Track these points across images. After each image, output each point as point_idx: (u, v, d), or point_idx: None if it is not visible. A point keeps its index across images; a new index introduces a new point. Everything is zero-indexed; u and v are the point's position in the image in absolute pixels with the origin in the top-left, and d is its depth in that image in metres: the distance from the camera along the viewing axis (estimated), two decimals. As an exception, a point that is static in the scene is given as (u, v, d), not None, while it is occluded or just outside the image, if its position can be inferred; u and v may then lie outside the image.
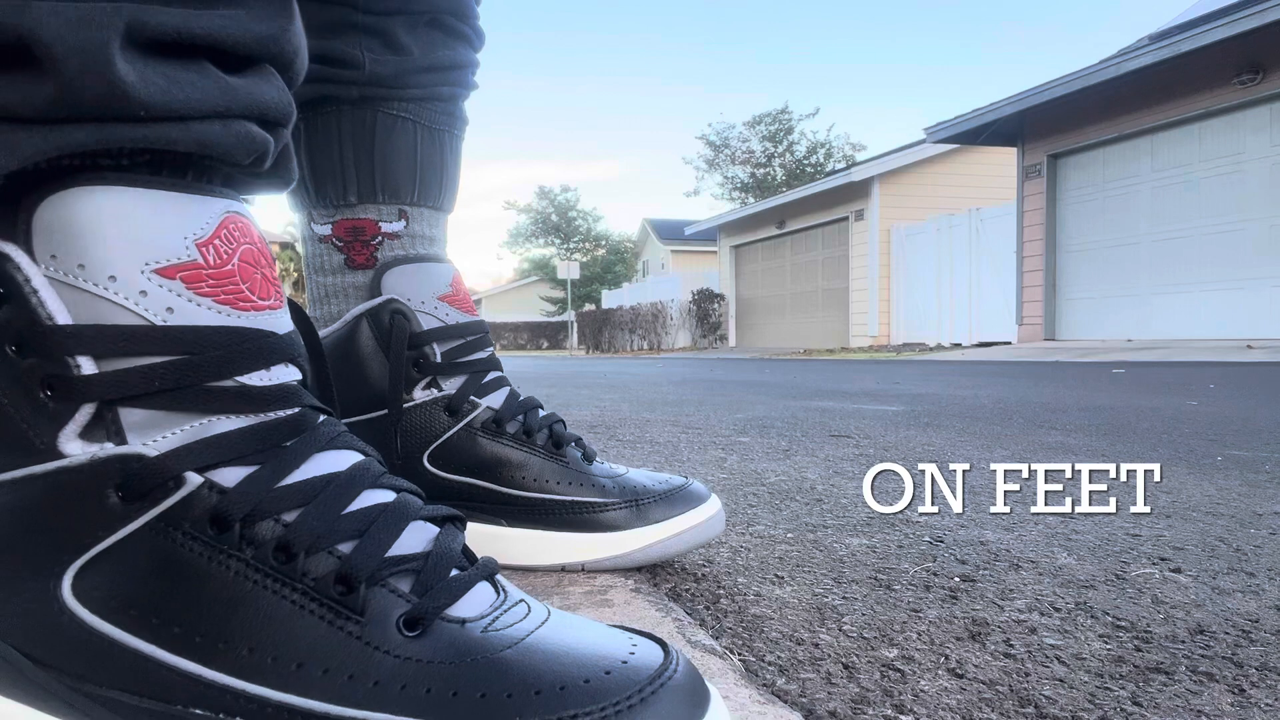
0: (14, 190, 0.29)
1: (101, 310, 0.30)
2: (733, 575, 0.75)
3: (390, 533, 0.32)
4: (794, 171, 25.24)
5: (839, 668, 0.55)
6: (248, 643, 0.29)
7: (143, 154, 0.31)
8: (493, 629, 0.32)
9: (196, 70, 0.31)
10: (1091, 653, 0.57)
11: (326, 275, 0.68)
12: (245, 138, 0.33)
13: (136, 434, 0.31)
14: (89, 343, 0.30)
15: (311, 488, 0.32)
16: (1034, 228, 10.25)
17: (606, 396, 3.25)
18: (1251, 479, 1.27)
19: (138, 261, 0.30)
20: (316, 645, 0.30)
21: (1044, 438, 1.79)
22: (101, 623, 0.30)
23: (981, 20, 64.91)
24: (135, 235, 0.30)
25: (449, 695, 0.29)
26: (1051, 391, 3.35)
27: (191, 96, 0.30)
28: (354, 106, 0.64)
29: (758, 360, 9.65)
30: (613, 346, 20.12)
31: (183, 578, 0.30)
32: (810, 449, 1.61)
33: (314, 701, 0.29)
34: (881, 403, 2.84)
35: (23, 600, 0.30)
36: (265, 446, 0.32)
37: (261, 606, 0.30)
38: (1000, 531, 0.92)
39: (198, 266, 0.31)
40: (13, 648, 0.30)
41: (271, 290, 0.34)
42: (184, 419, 0.31)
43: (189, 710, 0.29)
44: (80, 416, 0.30)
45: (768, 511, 1.02)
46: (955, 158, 13.44)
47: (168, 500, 0.30)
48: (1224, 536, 0.90)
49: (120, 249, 0.30)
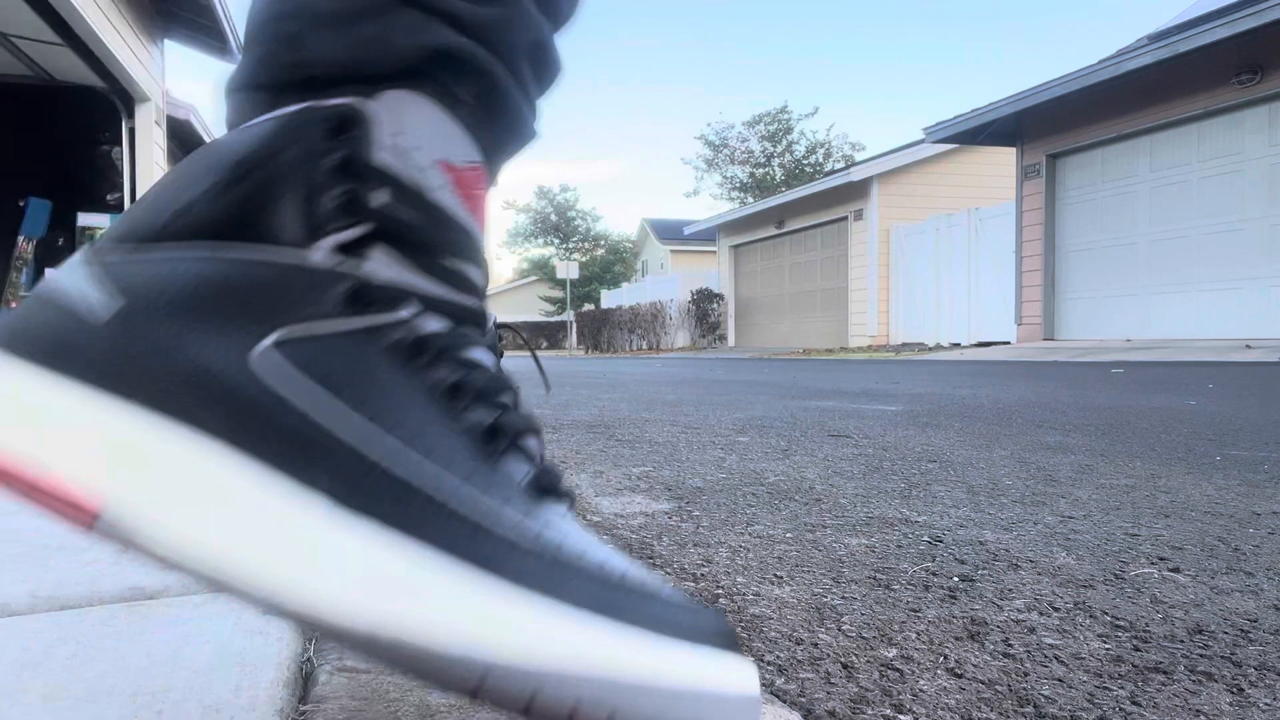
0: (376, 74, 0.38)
1: (397, 169, 0.38)
2: (731, 575, 0.75)
3: (523, 418, 0.39)
4: (793, 171, 25.24)
5: (838, 667, 0.55)
6: (400, 439, 0.35)
7: (465, 81, 0.40)
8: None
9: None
10: (1090, 652, 0.57)
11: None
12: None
13: (373, 266, 0.37)
14: (389, 185, 0.37)
15: (478, 360, 0.39)
16: (1033, 227, 10.25)
17: (605, 396, 3.25)
18: (1250, 479, 1.27)
19: (435, 152, 0.39)
20: (456, 464, 0.35)
21: (1043, 437, 1.79)
22: (275, 379, 0.34)
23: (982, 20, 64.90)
24: (437, 134, 0.39)
25: (557, 547, 0.34)
26: (1050, 391, 3.35)
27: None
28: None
29: (757, 360, 9.65)
30: (612, 346, 20.11)
31: (367, 378, 0.35)
32: (809, 449, 1.61)
33: (444, 501, 0.34)
34: (880, 402, 2.84)
35: (213, 351, 0.35)
36: (459, 320, 0.39)
37: (421, 421, 0.35)
38: (999, 531, 0.92)
39: (462, 176, 0.40)
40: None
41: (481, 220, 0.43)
42: (415, 276, 0.38)
43: (327, 465, 0.33)
44: (346, 234, 0.36)
45: (767, 511, 1.02)
46: (954, 158, 13.45)
47: (381, 319, 0.36)
48: (1223, 536, 0.90)
49: (426, 138, 0.38)
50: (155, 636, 0.51)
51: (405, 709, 0.44)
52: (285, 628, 0.53)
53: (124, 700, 0.43)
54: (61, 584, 0.61)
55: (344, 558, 0.32)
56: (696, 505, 1.05)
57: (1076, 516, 1.00)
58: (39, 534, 0.74)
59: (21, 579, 0.61)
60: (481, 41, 0.40)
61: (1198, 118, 8.55)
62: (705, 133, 25.95)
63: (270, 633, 0.52)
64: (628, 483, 1.20)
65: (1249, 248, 8.18)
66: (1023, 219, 10.41)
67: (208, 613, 0.56)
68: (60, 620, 0.54)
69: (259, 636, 0.51)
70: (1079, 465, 1.40)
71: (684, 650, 0.33)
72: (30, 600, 0.57)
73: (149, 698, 0.43)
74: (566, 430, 1.86)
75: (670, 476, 1.25)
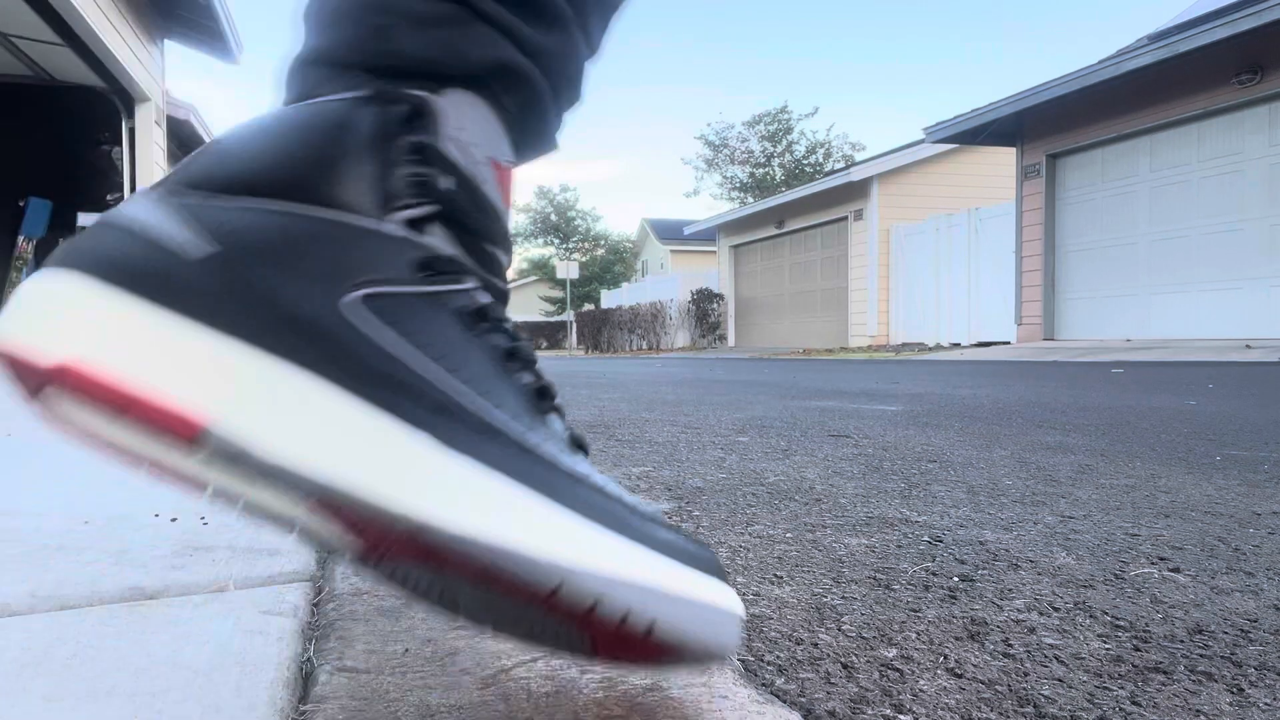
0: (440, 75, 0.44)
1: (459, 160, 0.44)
2: (731, 575, 0.75)
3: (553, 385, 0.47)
4: (793, 171, 25.24)
5: (838, 667, 0.55)
6: (474, 390, 0.41)
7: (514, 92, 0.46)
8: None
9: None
10: (1090, 652, 0.57)
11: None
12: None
13: (435, 241, 0.43)
14: (453, 174, 0.43)
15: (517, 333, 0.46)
16: (1033, 227, 10.26)
17: (605, 396, 3.25)
18: (1250, 478, 1.27)
19: (486, 149, 0.45)
20: (519, 416, 0.41)
21: (1043, 437, 1.79)
22: (366, 327, 0.39)
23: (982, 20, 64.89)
24: (489, 134, 0.45)
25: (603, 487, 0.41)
26: (1050, 391, 3.35)
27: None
28: None
29: (757, 360, 9.65)
30: (612, 346, 20.11)
31: (441, 336, 0.41)
32: (809, 449, 1.61)
33: (520, 443, 0.40)
34: (880, 402, 2.84)
35: (307, 297, 0.40)
36: (496, 298, 0.45)
37: (488, 376, 0.42)
38: (999, 531, 0.92)
39: (503, 173, 0.46)
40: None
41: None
42: (464, 255, 0.44)
43: (420, 403, 0.39)
44: (416, 211, 0.42)
45: (767, 511, 1.02)
46: (954, 158, 13.45)
47: (450, 286, 0.43)
48: (1223, 536, 0.90)
49: (480, 136, 0.45)
50: (155, 636, 0.51)
51: (405, 709, 0.44)
52: (285, 627, 0.53)
53: (124, 700, 0.43)
54: (61, 584, 0.61)
55: (444, 480, 0.37)
56: (696, 505, 1.05)
57: (1076, 516, 1.00)
58: (39, 534, 0.74)
59: (21, 579, 0.61)
60: (537, 63, 0.46)
61: (1198, 118, 8.55)
62: (705, 133, 25.95)
63: (270, 632, 0.52)
64: (628, 483, 1.20)
65: (1249, 248, 8.18)
66: (1023, 219, 10.41)
67: (208, 613, 0.56)
68: (60, 620, 0.54)
69: (259, 636, 0.52)
70: (1079, 465, 1.40)
71: (699, 576, 0.40)
72: (30, 600, 0.57)
73: (149, 698, 0.43)
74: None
75: (670, 476, 1.25)
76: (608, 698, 0.46)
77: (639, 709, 0.44)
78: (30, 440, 1.32)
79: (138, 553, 0.69)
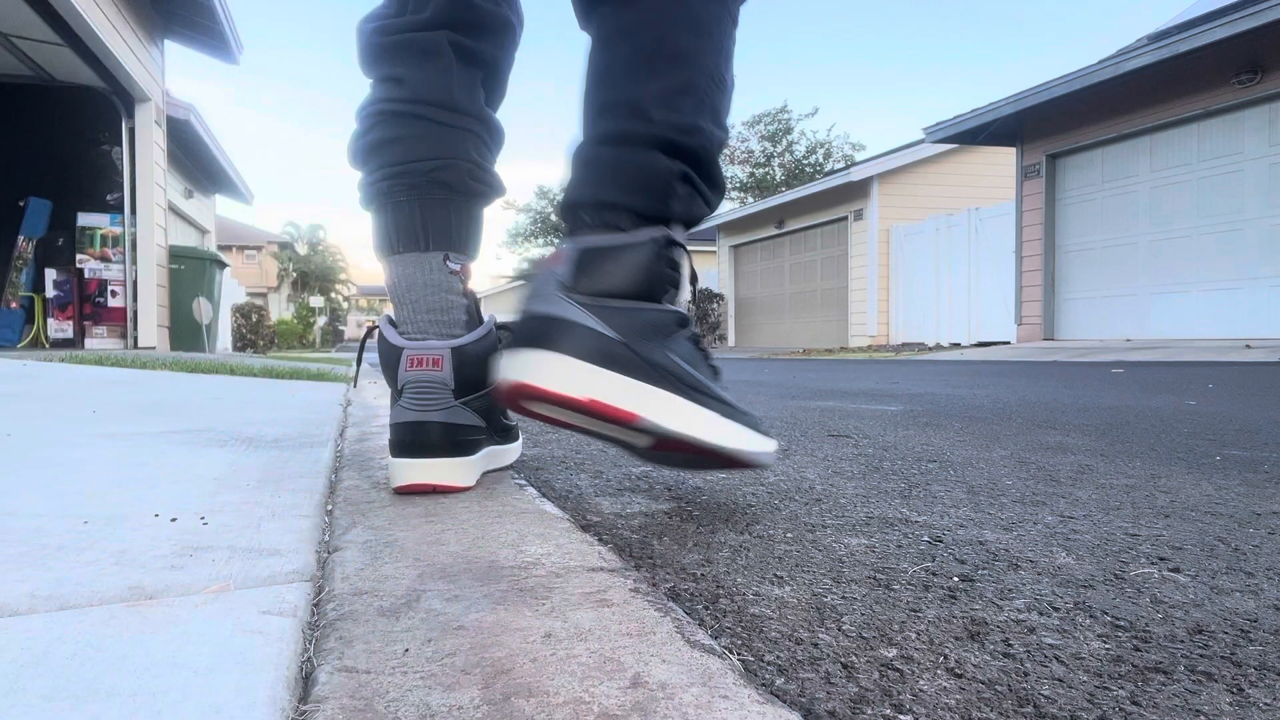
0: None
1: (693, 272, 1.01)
2: (732, 575, 0.75)
3: None
4: (793, 171, 25.23)
5: (838, 667, 0.55)
6: (710, 380, 0.94)
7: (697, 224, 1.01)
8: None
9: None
10: (1090, 652, 0.57)
11: (448, 293, 1.06)
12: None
13: (681, 305, 0.96)
14: (687, 268, 0.97)
15: (704, 343, 1.03)
16: (1033, 227, 10.25)
17: (605, 396, 3.25)
18: (1250, 479, 1.27)
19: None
20: (723, 387, 0.96)
21: (1043, 437, 1.79)
22: (672, 361, 0.90)
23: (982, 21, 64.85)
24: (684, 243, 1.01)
25: (734, 408, 0.96)
26: (1050, 391, 3.35)
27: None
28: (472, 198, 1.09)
29: (757, 360, 9.65)
30: (612, 346, 20.07)
31: (693, 358, 0.93)
32: (809, 449, 1.61)
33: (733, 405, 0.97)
34: (880, 402, 2.84)
35: (658, 352, 0.89)
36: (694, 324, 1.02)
37: (708, 372, 0.95)
38: (999, 531, 0.92)
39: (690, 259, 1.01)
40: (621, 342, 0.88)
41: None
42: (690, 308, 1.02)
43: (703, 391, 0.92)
44: (680, 294, 0.96)
45: (767, 511, 1.02)
46: (954, 157, 13.45)
47: (692, 330, 0.94)
48: (1223, 536, 0.90)
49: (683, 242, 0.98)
50: (155, 636, 0.51)
51: (405, 709, 0.44)
52: (285, 627, 0.53)
53: (124, 700, 0.43)
54: (61, 584, 0.61)
55: (696, 417, 0.89)
56: (696, 505, 1.05)
57: (1076, 516, 1.00)
58: (39, 534, 0.74)
59: (21, 579, 0.61)
60: (711, 208, 0.97)
61: (1198, 118, 8.55)
62: (705, 133, 25.84)
63: (270, 632, 0.52)
64: (628, 483, 1.20)
65: (1249, 248, 8.18)
66: (1023, 219, 10.40)
67: (208, 613, 0.56)
68: (60, 620, 0.54)
69: (259, 636, 0.52)
70: (1079, 465, 1.40)
71: (762, 439, 0.99)
72: (30, 600, 0.57)
73: (149, 698, 0.43)
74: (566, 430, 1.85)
75: (670, 476, 1.25)
76: (609, 699, 0.46)
77: (639, 708, 0.44)
78: (30, 440, 1.32)
79: (138, 553, 0.69)
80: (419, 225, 1.04)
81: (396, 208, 1.04)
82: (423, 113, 1.03)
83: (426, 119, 1.03)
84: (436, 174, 1.03)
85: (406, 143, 1.03)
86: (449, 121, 1.05)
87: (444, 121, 1.04)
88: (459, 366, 1.00)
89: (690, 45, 0.91)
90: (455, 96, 1.05)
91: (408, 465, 0.98)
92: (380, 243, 1.07)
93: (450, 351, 1.00)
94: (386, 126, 1.04)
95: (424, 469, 0.98)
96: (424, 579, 0.65)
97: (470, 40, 1.06)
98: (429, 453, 0.98)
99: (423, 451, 0.98)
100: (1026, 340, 10.19)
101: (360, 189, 1.07)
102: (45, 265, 7.74)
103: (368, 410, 2.09)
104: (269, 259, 41.29)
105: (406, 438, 0.98)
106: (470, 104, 1.07)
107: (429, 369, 1.00)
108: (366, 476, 1.11)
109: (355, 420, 1.84)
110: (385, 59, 1.05)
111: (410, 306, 1.05)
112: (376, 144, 1.04)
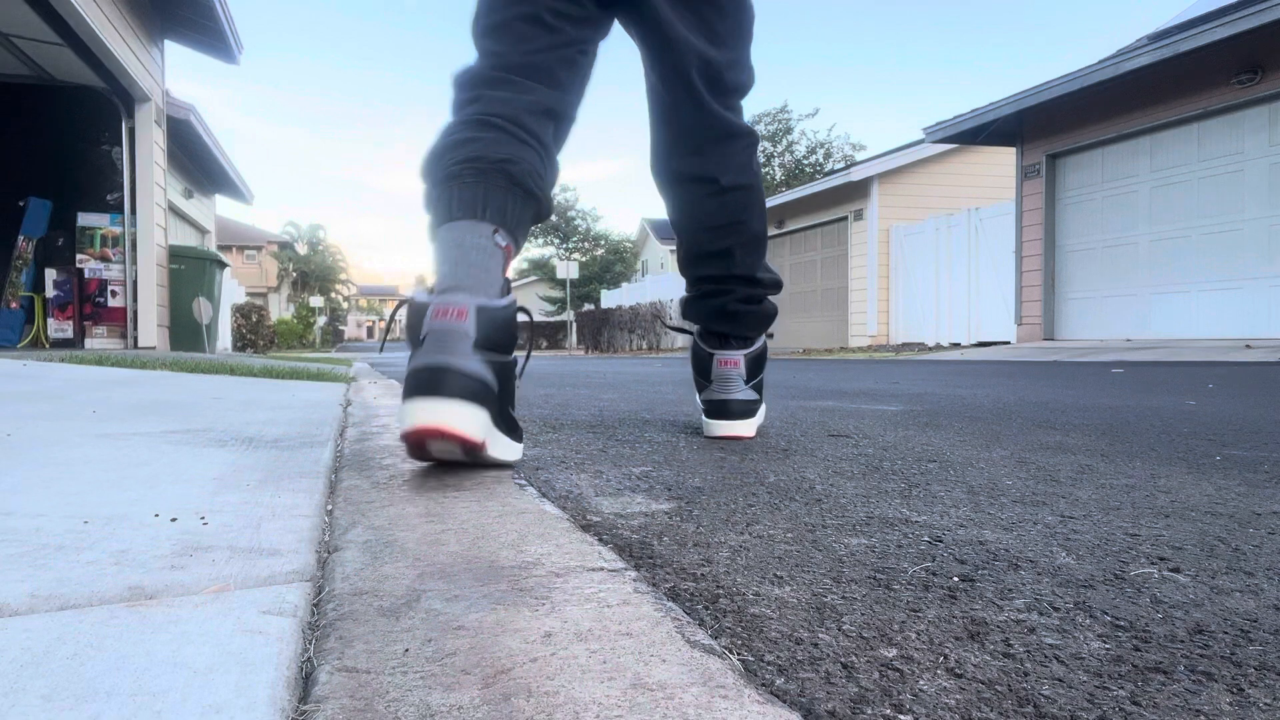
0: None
1: None
2: (732, 575, 0.75)
3: None
4: (793, 171, 25.23)
5: (838, 667, 0.55)
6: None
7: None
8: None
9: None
10: (1090, 652, 0.57)
11: (490, 258, 1.13)
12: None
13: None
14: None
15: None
16: (1033, 227, 10.25)
17: (605, 396, 3.25)
18: (1250, 478, 1.27)
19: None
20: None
21: (1043, 437, 1.79)
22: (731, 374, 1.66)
23: (982, 21, 64.83)
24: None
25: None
26: (1050, 391, 3.35)
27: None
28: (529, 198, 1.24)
29: (757, 360, 9.63)
30: (612, 346, 20.11)
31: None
32: (809, 449, 1.61)
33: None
34: (880, 402, 2.84)
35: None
36: None
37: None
38: (999, 531, 0.92)
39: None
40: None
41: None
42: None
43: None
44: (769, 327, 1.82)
45: (767, 511, 1.02)
46: (954, 157, 13.45)
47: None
48: (1223, 536, 0.90)
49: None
50: (155, 636, 0.51)
51: (405, 709, 0.44)
52: (285, 627, 0.53)
53: (124, 700, 0.43)
54: (61, 584, 0.61)
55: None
56: (696, 505, 1.05)
57: (1076, 516, 1.00)
58: (39, 534, 0.74)
59: (21, 579, 0.61)
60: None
61: (1198, 118, 8.55)
62: (705, 133, 25.86)
63: (270, 632, 0.52)
64: (628, 483, 1.20)
65: (1249, 248, 8.18)
66: (1023, 219, 10.40)
67: (208, 613, 0.56)
68: (60, 620, 0.54)
69: (259, 636, 0.52)
70: (1079, 465, 1.40)
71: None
72: (30, 600, 0.57)
73: (149, 698, 0.43)
74: (566, 430, 1.86)
75: (670, 476, 1.25)
76: (608, 698, 0.46)
77: (639, 709, 0.44)
78: (30, 440, 1.32)
79: (138, 553, 0.69)
80: (480, 199, 1.16)
81: (463, 186, 1.17)
82: (502, 125, 1.23)
83: (505, 130, 1.23)
84: (506, 166, 1.18)
85: (482, 143, 1.21)
86: (523, 138, 1.24)
87: (519, 137, 1.24)
88: (482, 323, 1.03)
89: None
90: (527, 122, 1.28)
91: (418, 406, 0.97)
92: (438, 215, 1.18)
93: (476, 308, 1.02)
94: (468, 130, 1.24)
95: (433, 410, 0.96)
96: (424, 579, 0.65)
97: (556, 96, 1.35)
98: (442, 392, 0.96)
99: (435, 391, 0.96)
100: (1026, 340, 10.19)
101: (427, 178, 1.22)
102: (45, 265, 7.74)
103: (368, 410, 2.09)
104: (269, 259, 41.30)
105: (422, 378, 0.98)
106: (543, 134, 1.29)
107: (453, 319, 1.02)
108: (366, 476, 1.11)
109: (355, 420, 1.85)
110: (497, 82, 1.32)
111: (453, 262, 1.11)
112: (456, 143, 1.22)
